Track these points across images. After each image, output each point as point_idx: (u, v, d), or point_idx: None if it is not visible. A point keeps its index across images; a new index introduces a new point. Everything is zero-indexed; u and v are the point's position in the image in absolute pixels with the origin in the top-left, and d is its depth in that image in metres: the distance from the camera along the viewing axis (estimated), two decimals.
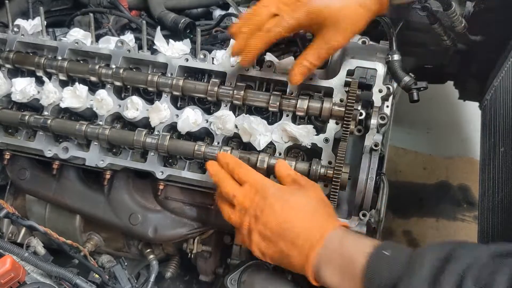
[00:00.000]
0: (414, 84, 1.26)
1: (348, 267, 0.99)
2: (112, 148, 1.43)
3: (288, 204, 1.10)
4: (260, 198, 1.13)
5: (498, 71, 1.87)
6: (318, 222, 1.08)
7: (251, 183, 1.16)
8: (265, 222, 1.10)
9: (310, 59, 1.18)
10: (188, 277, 1.70)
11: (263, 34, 1.15)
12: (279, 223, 1.09)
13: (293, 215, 1.09)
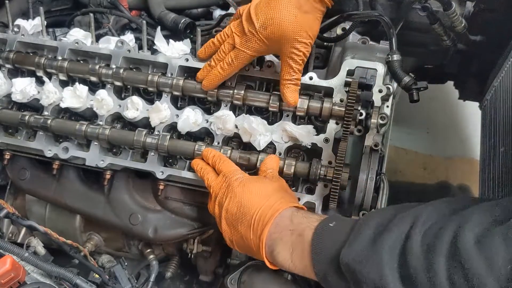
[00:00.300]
0: (414, 84, 1.26)
1: (298, 242, 1.04)
2: (112, 148, 1.43)
3: (247, 188, 1.16)
4: (226, 185, 1.19)
5: (498, 71, 1.87)
6: (271, 203, 1.12)
7: (224, 172, 1.22)
8: (227, 208, 1.16)
9: (289, 77, 1.25)
10: (188, 277, 1.70)
11: (226, 67, 1.26)
12: (238, 207, 1.14)
13: (249, 198, 1.14)
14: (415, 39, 1.90)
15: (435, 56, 2.03)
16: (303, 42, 1.19)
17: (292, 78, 1.25)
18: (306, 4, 1.18)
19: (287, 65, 1.23)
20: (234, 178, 1.19)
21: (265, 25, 1.18)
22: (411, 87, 1.26)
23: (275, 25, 1.17)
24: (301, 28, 1.18)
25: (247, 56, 1.24)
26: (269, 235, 1.08)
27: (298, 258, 1.04)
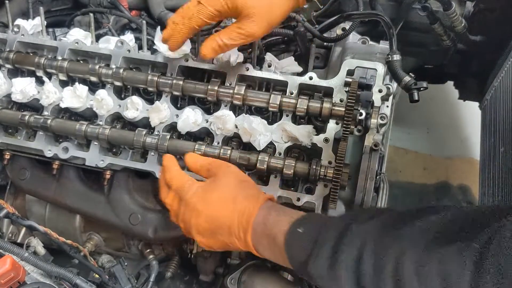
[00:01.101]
0: (414, 84, 1.26)
1: (274, 246, 1.06)
2: (112, 148, 1.43)
3: (208, 202, 1.14)
4: (182, 204, 1.17)
5: (498, 71, 1.87)
6: (241, 209, 1.11)
7: (173, 188, 1.20)
8: (196, 224, 1.14)
9: (222, 38, 1.21)
10: (188, 277, 1.70)
11: (187, 22, 1.21)
12: (209, 223, 1.13)
13: (216, 211, 1.13)
14: (415, 39, 1.90)
15: (435, 56, 2.03)
16: (258, 22, 1.18)
17: (224, 41, 1.21)
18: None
19: (231, 29, 1.21)
20: (188, 195, 1.16)
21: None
22: (411, 87, 1.26)
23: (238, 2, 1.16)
24: (263, 6, 1.16)
25: (208, 13, 1.19)
26: (251, 239, 1.10)
27: (280, 259, 1.07)
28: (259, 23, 1.18)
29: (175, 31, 1.24)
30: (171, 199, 1.20)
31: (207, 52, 1.23)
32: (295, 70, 1.37)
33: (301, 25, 1.46)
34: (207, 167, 1.22)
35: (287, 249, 1.02)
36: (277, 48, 1.59)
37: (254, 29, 1.18)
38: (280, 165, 1.26)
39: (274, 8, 1.19)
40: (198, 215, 1.14)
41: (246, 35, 1.20)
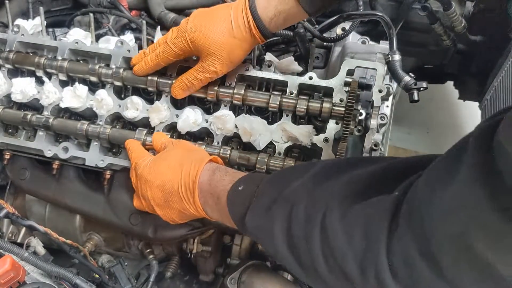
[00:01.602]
0: (414, 84, 1.26)
1: (219, 206, 1.09)
2: (112, 148, 1.43)
3: (156, 170, 1.18)
4: (138, 178, 1.23)
5: (498, 71, 1.87)
6: (187, 171, 1.14)
7: (134, 166, 1.26)
8: (151, 195, 1.19)
9: (189, 79, 1.29)
10: (188, 277, 1.70)
11: (154, 58, 1.30)
12: (161, 191, 1.17)
13: (164, 177, 1.16)
14: (415, 39, 1.90)
15: (435, 56, 2.03)
16: (220, 61, 1.23)
17: (191, 81, 1.29)
18: (236, 30, 1.21)
19: (196, 70, 1.27)
20: (140, 168, 1.22)
21: (193, 29, 1.22)
22: (411, 87, 1.26)
23: (201, 33, 1.21)
24: (224, 48, 1.21)
25: (173, 52, 1.26)
26: (199, 200, 1.13)
27: (225, 219, 1.10)
28: (221, 61, 1.23)
29: (142, 61, 1.33)
30: (132, 176, 1.26)
31: (177, 93, 1.33)
32: (295, 70, 1.37)
33: (300, 25, 1.46)
34: (164, 144, 1.27)
35: (229, 206, 1.06)
36: (277, 48, 1.59)
37: (217, 67, 1.24)
38: (280, 165, 1.26)
39: (234, 49, 1.23)
40: (151, 186, 1.18)
41: (210, 73, 1.26)
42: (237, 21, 1.21)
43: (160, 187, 1.17)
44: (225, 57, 1.23)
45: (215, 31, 1.21)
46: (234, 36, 1.21)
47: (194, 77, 1.28)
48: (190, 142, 1.30)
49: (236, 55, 1.25)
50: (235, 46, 1.23)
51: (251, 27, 1.21)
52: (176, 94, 1.34)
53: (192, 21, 1.24)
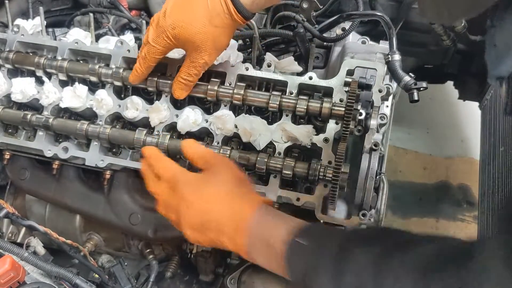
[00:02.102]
0: (414, 84, 1.26)
1: (270, 253, 1.03)
2: (112, 148, 1.43)
3: (201, 195, 1.10)
4: (174, 194, 1.13)
5: None
6: (235, 209, 1.08)
7: (165, 177, 1.16)
8: (186, 216, 1.10)
9: (184, 76, 1.28)
10: (188, 277, 1.70)
11: (142, 62, 1.29)
12: (200, 216, 1.09)
13: (210, 204, 1.09)
14: (415, 39, 1.90)
15: (435, 56, 2.03)
16: (207, 52, 1.22)
17: (187, 79, 1.28)
18: (216, 18, 1.19)
19: (187, 66, 1.26)
20: (181, 184, 1.12)
21: (173, 26, 1.19)
22: (411, 87, 1.26)
23: (182, 28, 1.19)
24: (207, 38, 1.20)
25: (158, 51, 1.25)
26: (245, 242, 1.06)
27: (274, 267, 1.05)
28: (208, 52, 1.22)
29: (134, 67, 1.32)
30: (162, 189, 1.15)
31: (179, 94, 1.32)
32: (295, 70, 1.38)
33: (300, 25, 1.46)
34: (205, 158, 1.18)
35: (287, 259, 0.99)
36: (277, 48, 1.59)
37: (206, 58, 1.24)
38: (280, 165, 1.26)
39: (217, 37, 1.22)
40: (189, 206, 1.10)
41: (200, 66, 1.25)
42: (215, 9, 1.18)
43: (201, 212, 1.09)
44: (211, 47, 1.22)
45: (195, 24, 1.18)
46: (215, 25, 1.19)
47: (187, 73, 1.28)
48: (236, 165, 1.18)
49: (221, 42, 1.24)
50: (218, 34, 1.21)
51: (231, 12, 1.19)
52: (178, 95, 1.33)
53: (170, 16, 1.21)
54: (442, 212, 2.77)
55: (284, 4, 1.64)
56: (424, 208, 2.79)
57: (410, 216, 2.75)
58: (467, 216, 2.76)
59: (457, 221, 2.75)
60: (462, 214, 2.77)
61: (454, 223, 2.74)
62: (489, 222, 1.70)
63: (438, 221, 2.75)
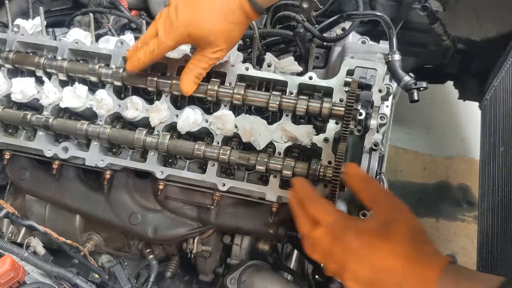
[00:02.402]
0: (414, 84, 1.26)
1: None
2: (112, 148, 1.43)
3: (376, 249, 0.96)
4: (338, 242, 0.99)
5: (498, 71, 1.87)
6: (416, 270, 0.92)
7: (327, 224, 1.02)
8: (354, 270, 0.97)
9: (192, 68, 1.27)
10: (188, 277, 1.70)
11: (148, 54, 1.26)
12: (372, 272, 0.95)
13: (384, 262, 0.94)
14: (415, 39, 1.90)
15: (435, 56, 2.04)
16: (219, 47, 1.22)
17: (196, 70, 1.26)
18: (231, 15, 1.19)
19: (197, 60, 1.25)
20: (348, 236, 0.98)
21: (187, 24, 1.19)
22: (411, 87, 1.26)
23: (197, 26, 1.18)
24: (222, 35, 1.20)
25: (167, 47, 1.24)
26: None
27: None
28: (221, 47, 1.22)
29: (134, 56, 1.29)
30: (321, 235, 1.01)
31: (189, 89, 1.30)
32: (295, 70, 1.37)
33: (300, 25, 1.46)
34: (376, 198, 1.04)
35: None
36: (277, 48, 1.59)
37: (218, 54, 1.23)
38: (280, 165, 1.26)
39: (231, 33, 1.22)
40: (360, 261, 0.96)
41: (212, 61, 1.25)
42: (230, 6, 1.18)
43: (373, 269, 0.94)
44: (224, 43, 1.22)
45: (210, 21, 1.18)
46: (230, 21, 1.19)
47: (197, 67, 1.26)
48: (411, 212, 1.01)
49: (234, 38, 1.24)
50: (232, 30, 1.21)
51: (246, 9, 1.19)
52: (187, 90, 1.30)
53: (183, 13, 1.19)
54: (442, 212, 2.77)
55: (284, 4, 1.64)
56: (424, 208, 2.79)
57: None
58: (467, 216, 2.76)
59: (457, 221, 2.75)
60: (462, 214, 2.77)
61: (454, 223, 2.74)
62: (489, 222, 1.70)
63: (438, 221, 2.75)
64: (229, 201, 1.41)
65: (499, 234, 1.57)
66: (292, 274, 1.44)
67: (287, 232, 1.38)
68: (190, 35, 1.20)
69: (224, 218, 1.42)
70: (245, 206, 1.40)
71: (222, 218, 1.42)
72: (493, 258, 1.58)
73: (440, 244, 2.67)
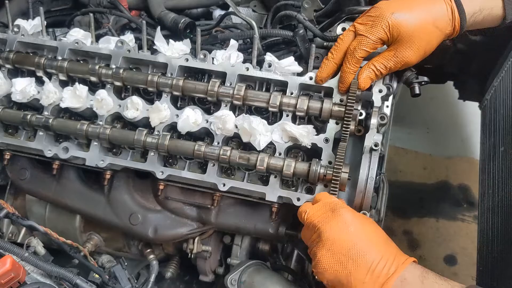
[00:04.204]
0: (415, 78, 1.26)
1: None
2: (112, 148, 1.43)
3: (364, 229, 1.09)
4: (332, 214, 1.11)
5: (498, 71, 1.87)
6: (393, 252, 1.06)
7: (324, 201, 1.16)
8: (335, 238, 1.07)
9: (378, 67, 1.23)
10: (188, 277, 1.70)
11: (350, 57, 1.22)
12: (354, 244, 1.06)
13: (367, 240, 1.07)
14: None
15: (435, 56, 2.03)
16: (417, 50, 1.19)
17: (381, 70, 1.22)
18: (440, 21, 1.17)
19: (386, 57, 1.21)
20: (344, 209, 1.11)
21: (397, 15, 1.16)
22: (412, 81, 1.26)
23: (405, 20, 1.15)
24: (424, 38, 1.17)
25: (370, 42, 1.19)
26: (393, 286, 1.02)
27: None
28: (417, 51, 1.19)
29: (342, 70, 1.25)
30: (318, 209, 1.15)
31: (366, 84, 1.24)
32: (295, 70, 1.37)
33: (301, 26, 1.46)
34: None
35: None
36: (277, 48, 1.59)
37: (411, 58, 1.19)
38: (280, 165, 1.26)
39: (432, 39, 1.19)
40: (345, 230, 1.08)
41: (402, 63, 1.20)
42: (441, 10, 1.16)
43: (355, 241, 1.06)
44: (423, 47, 1.19)
45: (420, 19, 1.16)
46: (437, 26, 1.17)
47: (384, 66, 1.22)
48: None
49: (432, 45, 1.21)
50: (435, 36, 1.18)
51: (455, 18, 1.17)
52: (365, 86, 1.24)
53: (394, 6, 1.17)
54: (442, 212, 2.77)
55: (285, 4, 1.64)
56: (424, 208, 2.79)
57: (410, 216, 2.75)
58: (467, 216, 2.76)
59: (457, 221, 2.75)
60: (462, 214, 2.77)
61: (454, 223, 2.74)
62: (489, 222, 1.70)
63: (438, 221, 2.75)
64: (229, 201, 1.41)
65: (499, 234, 1.57)
66: (292, 274, 1.43)
67: (287, 232, 1.38)
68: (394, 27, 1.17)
69: (224, 218, 1.42)
70: (245, 206, 1.40)
71: (222, 218, 1.42)
72: (493, 258, 1.57)
73: (440, 244, 2.67)
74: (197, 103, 1.43)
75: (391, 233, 2.63)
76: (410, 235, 2.69)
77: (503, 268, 1.47)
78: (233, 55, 1.38)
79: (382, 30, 1.17)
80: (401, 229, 2.70)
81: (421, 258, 2.60)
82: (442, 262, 2.61)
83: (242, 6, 1.79)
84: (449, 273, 2.58)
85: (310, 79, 1.32)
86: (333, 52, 1.26)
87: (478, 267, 1.71)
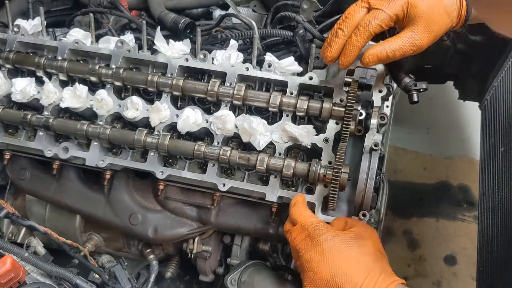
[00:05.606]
0: (413, 86, 1.26)
1: None
2: (112, 148, 1.43)
3: (342, 256, 1.07)
4: (311, 242, 1.11)
5: (498, 71, 1.87)
6: (373, 280, 1.04)
7: (303, 224, 1.14)
8: (315, 270, 1.07)
9: (392, 46, 1.15)
10: (188, 277, 1.70)
11: (363, 29, 1.14)
12: (332, 276, 1.05)
13: (346, 269, 1.05)
14: None
15: (435, 56, 2.03)
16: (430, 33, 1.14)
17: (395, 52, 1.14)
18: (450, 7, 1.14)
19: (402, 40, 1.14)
20: (322, 237, 1.09)
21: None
22: (410, 88, 1.26)
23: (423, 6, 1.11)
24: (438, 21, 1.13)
25: (386, 17, 1.12)
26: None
27: None
28: (431, 34, 1.15)
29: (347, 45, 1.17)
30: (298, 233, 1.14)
31: (371, 60, 1.15)
32: (295, 70, 1.38)
33: (300, 26, 1.46)
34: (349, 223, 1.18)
35: None
36: (277, 48, 1.59)
37: (425, 41, 1.15)
38: (280, 165, 1.26)
39: (442, 25, 1.16)
40: (323, 261, 1.07)
41: (417, 45, 1.15)
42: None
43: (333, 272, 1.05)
44: (435, 31, 1.15)
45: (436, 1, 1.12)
46: (447, 11, 1.14)
47: (399, 46, 1.14)
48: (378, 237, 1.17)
49: (441, 32, 1.17)
50: (445, 22, 1.15)
51: (462, 7, 1.15)
52: (368, 61, 1.16)
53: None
54: (442, 212, 2.77)
55: (284, 5, 1.64)
56: (424, 208, 2.79)
57: (410, 216, 2.75)
58: (467, 216, 2.76)
59: (457, 221, 2.75)
60: (462, 214, 2.78)
61: (454, 223, 2.75)
62: (489, 222, 1.70)
63: (438, 221, 2.75)
64: (229, 201, 1.41)
65: (499, 234, 1.57)
66: (292, 274, 1.43)
67: None
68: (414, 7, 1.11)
69: (224, 218, 1.42)
70: (245, 206, 1.40)
71: (222, 218, 1.42)
72: (493, 258, 1.58)
73: (440, 244, 2.67)
74: (197, 103, 1.43)
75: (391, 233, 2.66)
76: (410, 235, 2.69)
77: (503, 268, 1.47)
78: (233, 55, 1.38)
79: (400, 6, 1.12)
80: (401, 229, 2.71)
81: (421, 258, 2.60)
82: (442, 262, 2.62)
83: (242, 6, 1.79)
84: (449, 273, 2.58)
85: (310, 79, 1.32)
86: (343, 29, 1.17)
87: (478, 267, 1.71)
